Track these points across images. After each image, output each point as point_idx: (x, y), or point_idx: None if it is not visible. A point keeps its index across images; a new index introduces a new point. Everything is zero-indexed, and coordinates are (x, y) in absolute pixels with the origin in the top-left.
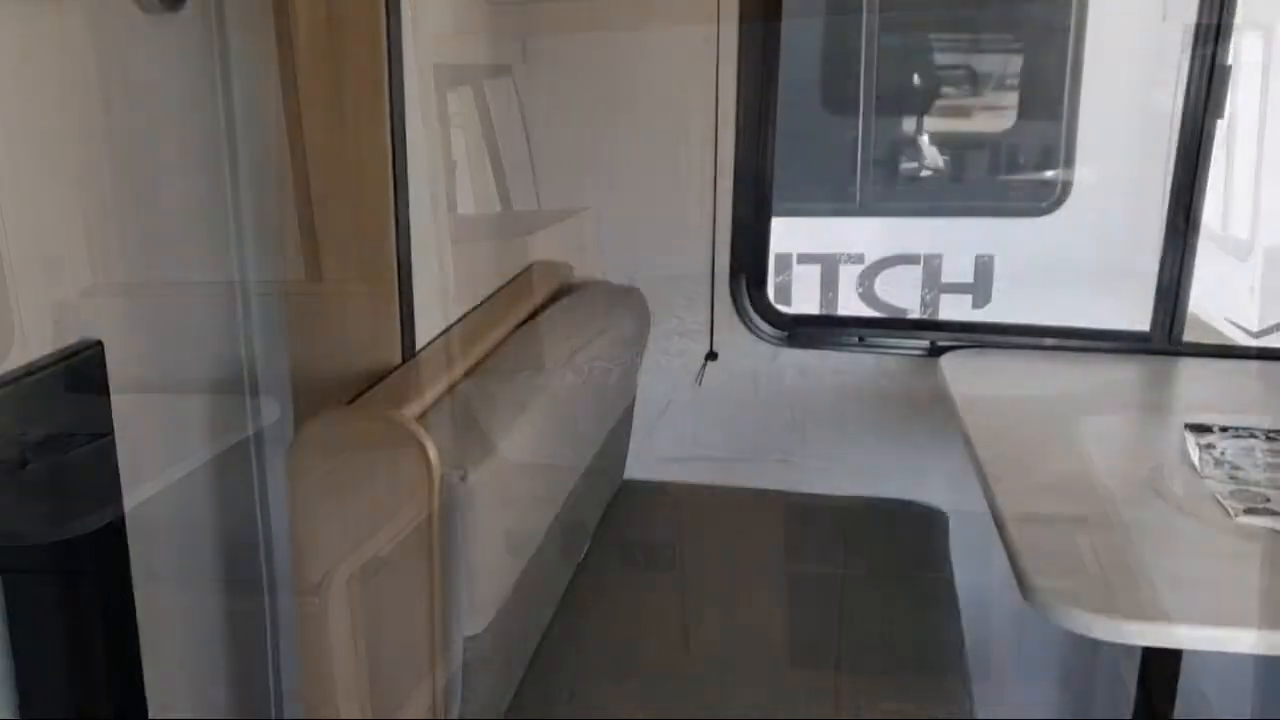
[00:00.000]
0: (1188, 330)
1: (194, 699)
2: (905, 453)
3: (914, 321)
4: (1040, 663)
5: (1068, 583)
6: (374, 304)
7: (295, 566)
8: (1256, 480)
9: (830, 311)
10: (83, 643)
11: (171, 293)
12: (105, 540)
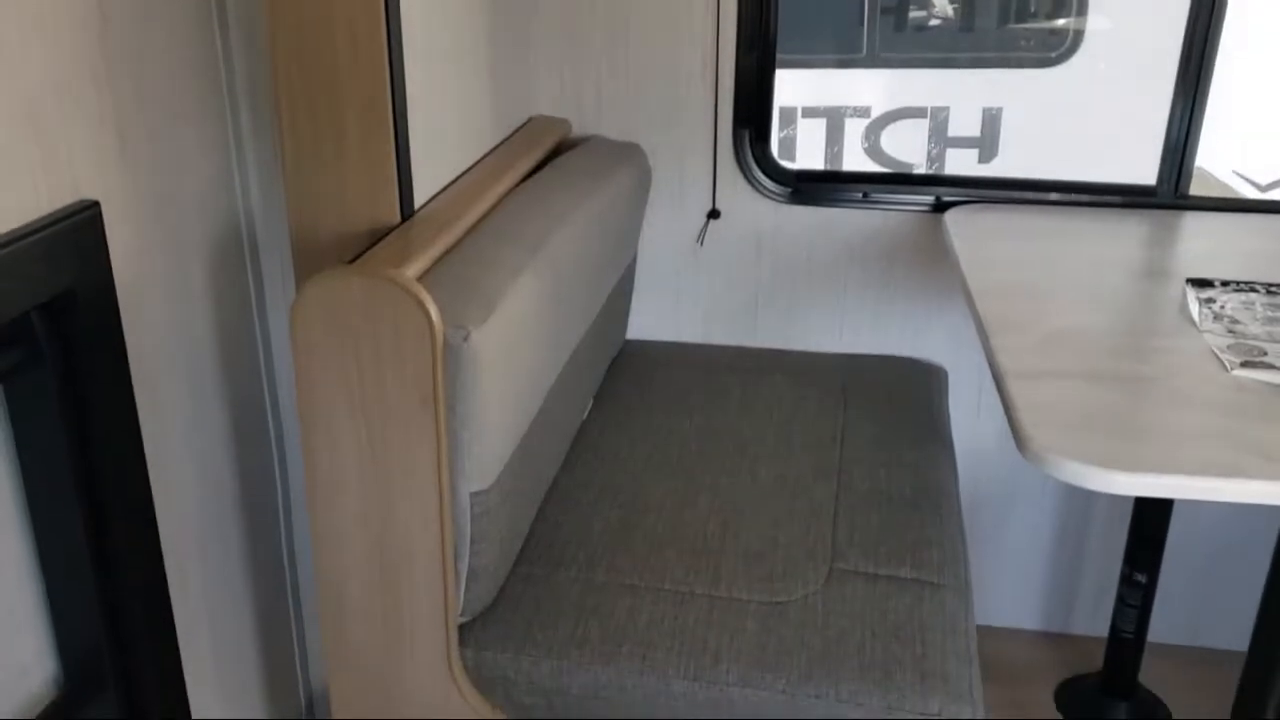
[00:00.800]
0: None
1: (206, 553)
2: (908, 309)
3: (920, 177)
4: (1036, 516)
5: (1061, 436)
6: (370, 162)
7: (302, 427)
8: (1255, 334)
9: (835, 167)
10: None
11: (166, 152)
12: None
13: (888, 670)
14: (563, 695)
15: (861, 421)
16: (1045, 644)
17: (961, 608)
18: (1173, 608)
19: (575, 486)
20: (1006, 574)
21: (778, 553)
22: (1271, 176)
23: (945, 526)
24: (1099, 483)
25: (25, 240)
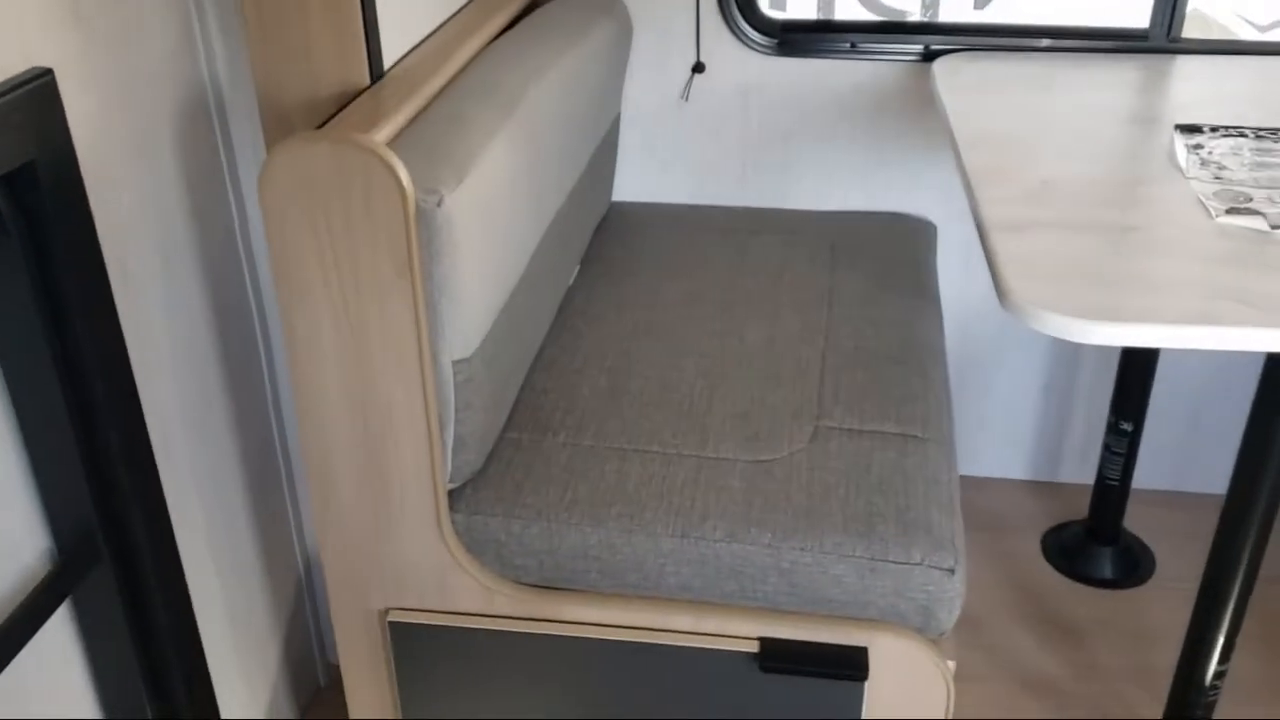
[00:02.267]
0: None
1: (190, 426)
2: (898, 163)
3: (908, 25)
4: (1024, 368)
5: (1043, 287)
6: (335, 21)
7: (279, 299)
8: (1241, 180)
9: (827, 15)
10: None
11: (122, 16)
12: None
13: (870, 522)
14: (553, 555)
15: (850, 280)
16: (1033, 493)
17: (944, 460)
18: (1157, 454)
19: (562, 352)
20: (996, 426)
21: (764, 413)
22: (1272, 17)
23: (930, 382)
24: (1078, 334)
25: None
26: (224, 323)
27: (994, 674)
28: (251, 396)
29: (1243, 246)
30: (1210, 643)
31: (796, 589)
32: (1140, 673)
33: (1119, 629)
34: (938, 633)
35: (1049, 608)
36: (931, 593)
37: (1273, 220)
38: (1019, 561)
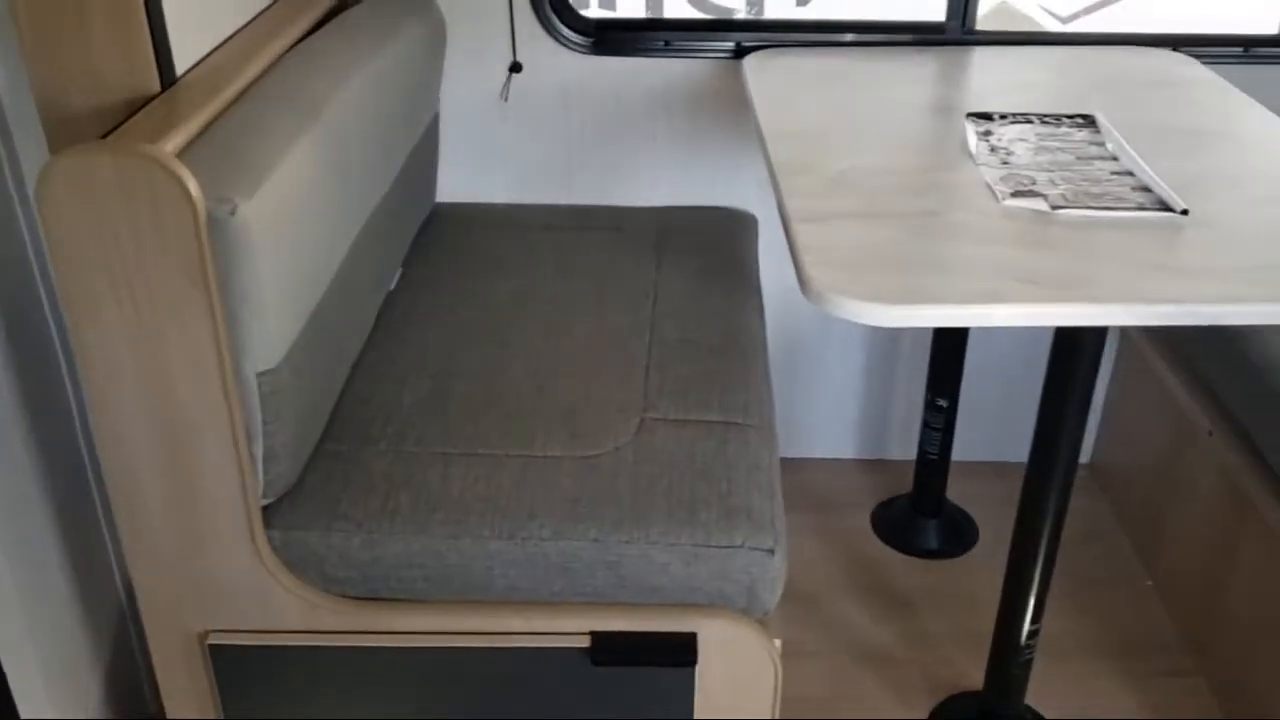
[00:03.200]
0: (1004, 19)
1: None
2: (719, 158)
3: (719, 22)
4: (847, 351)
5: (840, 274)
6: (118, 27)
7: (68, 319)
8: (1026, 164)
9: (657, 14)
10: None
11: None
12: None
13: (694, 510)
14: (377, 566)
15: (674, 274)
16: (863, 471)
17: (765, 445)
18: (975, 428)
19: (383, 358)
20: (824, 408)
21: (590, 409)
22: (1073, 9)
23: (751, 369)
24: (874, 318)
25: None
26: (18, 342)
27: (828, 649)
28: (55, 419)
29: (1027, 227)
30: (1022, 605)
31: (625, 581)
32: (966, 637)
33: (945, 597)
34: (762, 612)
35: (879, 581)
36: (754, 574)
37: (1053, 201)
38: (850, 538)
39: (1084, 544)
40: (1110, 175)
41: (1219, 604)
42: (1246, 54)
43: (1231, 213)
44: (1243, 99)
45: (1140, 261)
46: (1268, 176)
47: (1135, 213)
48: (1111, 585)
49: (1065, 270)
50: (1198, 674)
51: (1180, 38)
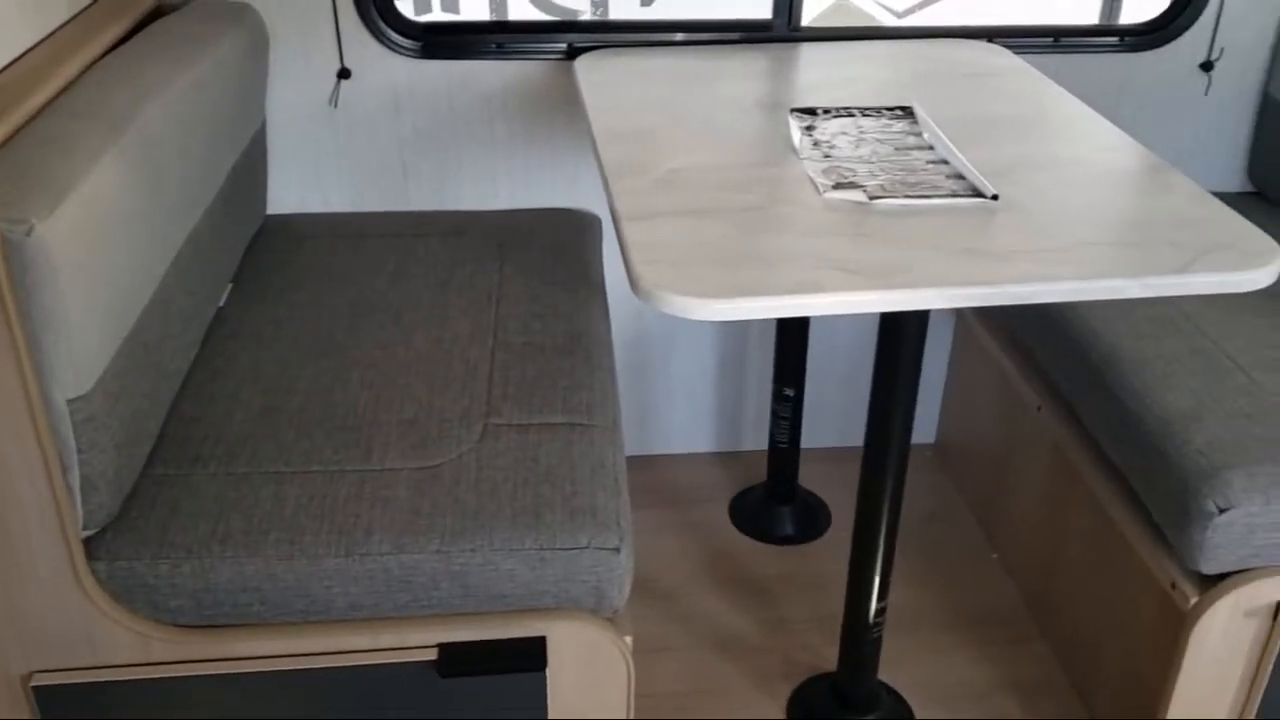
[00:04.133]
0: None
1: None
2: (559, 159)
3: (550, 24)
4: (698, 346)
5: (667, 271)
6: None
7: None
8: (848, 157)
9: (501, 17)
10: None
11: None
12: None
13: (538, 513)
14: (210, 593)
15: (517, 277)
16: (719, 463)
17: (610, 444)
18: (822, 415)
19: (213, 377)
20: (678, 403)
21: (432, 418)
22: (909, 3)
23: (595, 369)
24: (702, 312)
25: None
26: None
27: (689, 642)
28: None
29: (847, 218)
30: (868, 584)
31: (470, 590)
32: (822, 620)
33: (801, 582)
34: (611, 611)
35: (737, 571)
36: (600, 573)
37: (872, 192)
38: (708, 530)
39: (931, 521)
40: (926, 165)
41: (1057, 572)
42: (1056, 44)
43: (1039, 196)
44: (1052, 87)
45: (953, 246)
46: (1073, 161)
47: (949, 200)
48: (958, 559)
49: (882, 258)
50: (1042, 639)
51: (995, 29)
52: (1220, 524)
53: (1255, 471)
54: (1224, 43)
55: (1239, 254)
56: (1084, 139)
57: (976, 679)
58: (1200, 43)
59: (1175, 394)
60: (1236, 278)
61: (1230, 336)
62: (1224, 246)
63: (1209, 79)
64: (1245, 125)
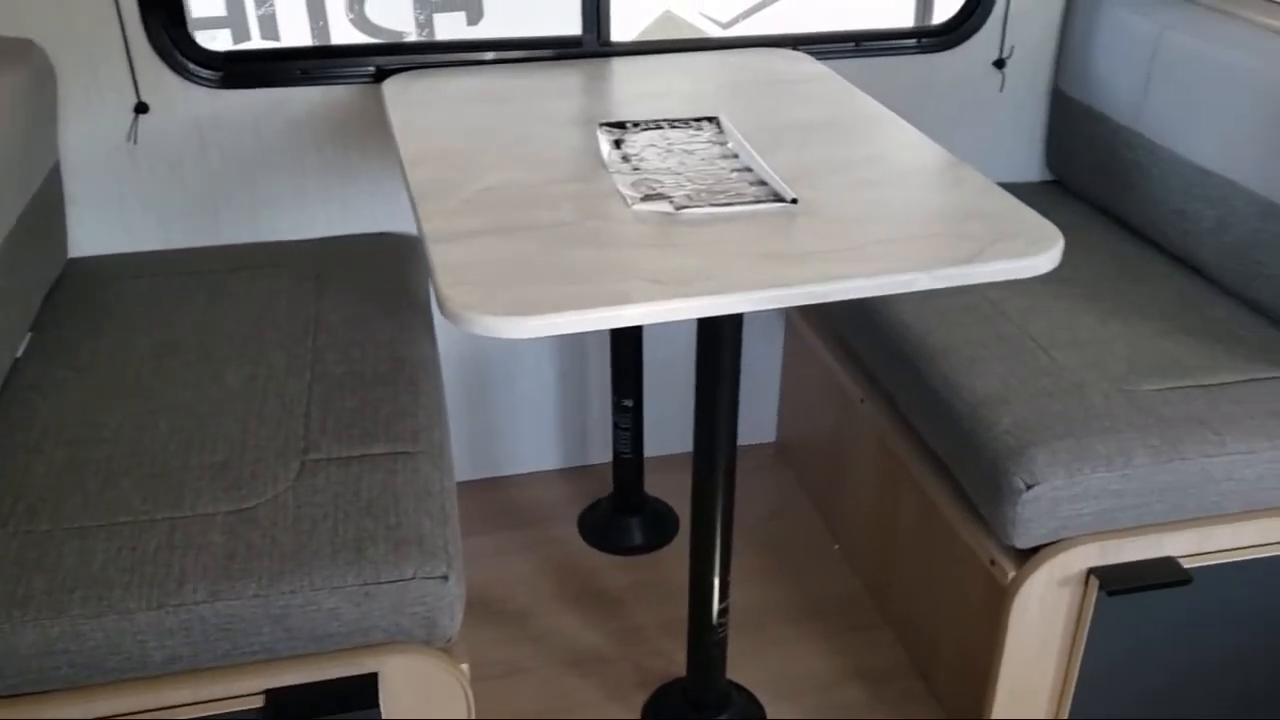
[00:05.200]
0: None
1: None
2: (374, 184)
3: (355, 47)
4: (538, 363)
5: (475, 292)
6: None
7: None
8: (656, 169)
9: (323, 41)
10: None
11: None
12: None
13: (361, 548)
14: (13, 659)
15: (336, 306)
16: (567, 479)
17: (436, 470)
18: (664, 423)
19: (10, 431)
20: (522, 422)
21: (246, 458)
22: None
23: (420, 395)
24: (511, 330)
25: None
26: None
27: (541, 662)
28: None
29: (655, 229)
30: (708, 586)
31: (294, 633)
32: (674, 625)
33: (652, 590)
34: (445, 640)
35: (588, 585)
36: (430, 603)
37: (679, 202)
38: (558, 547)
39: (774, 519)
40: (731, 173)
41: (892, 558)
42: (858, 48)
43: (838, 197)
44: (852, 90)
45: (756, 251)
46: (868, 161)
47: (752, 206)
48: (802, 554)
49: (689, 266)
50: (885, 626)
51: (799, 37)
52: (1028, 499)
53: (1058, 447)
54: (1013, 41)
55: (1024, 242)
56: (881, 140)
57: (824, 670)
58: (992, 42)
59: (983, 379)
60: (1021, 264)
61: (1033, 320)
62: (1010, 236)
63: (1003, 76)
64: (1040, 118)
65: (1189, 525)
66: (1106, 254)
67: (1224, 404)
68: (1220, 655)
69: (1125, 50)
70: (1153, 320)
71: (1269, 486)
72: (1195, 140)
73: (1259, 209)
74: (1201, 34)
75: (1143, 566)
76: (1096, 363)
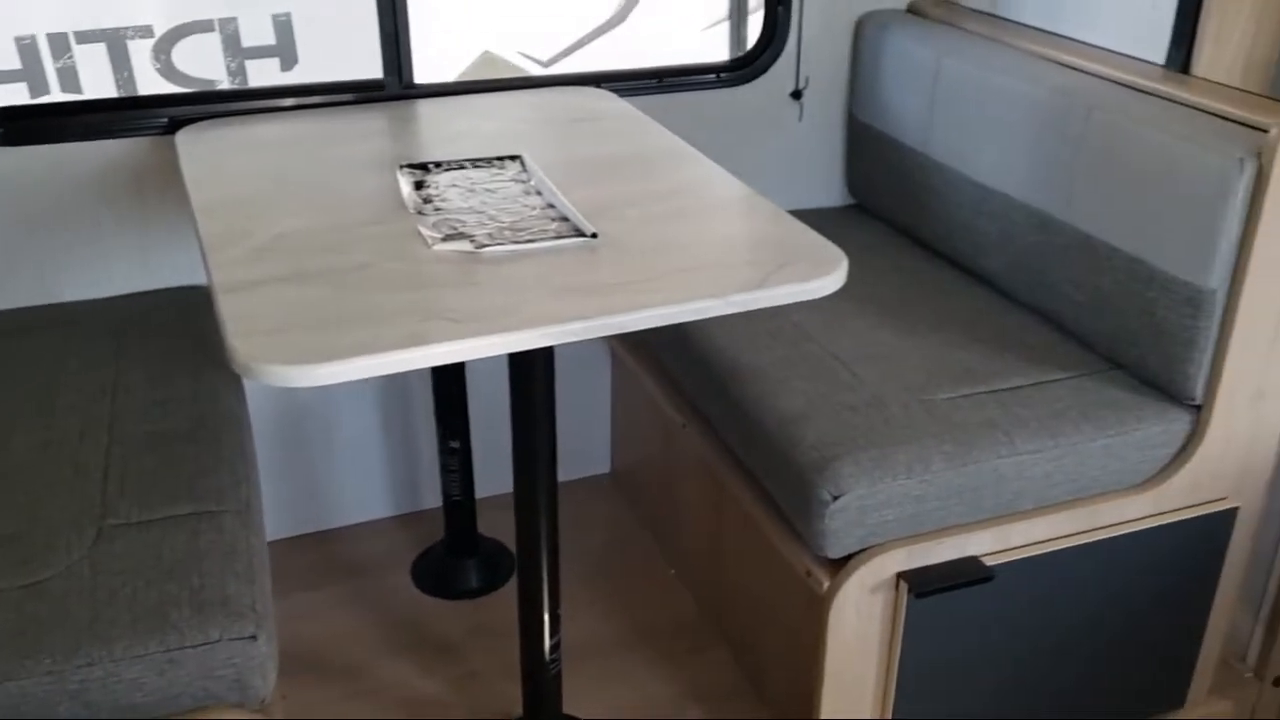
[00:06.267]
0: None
1: None
2: (175, 235)
3: (146, 99)
4: (361, 410)
5: (266, 341)
6: None
7: None
8: (458, 209)
9: (129, 93)
10: None
11: None
12: None
13: (163, 614)
14: None
15: (136, 364)
16: (400, 526)
17: (244, 528)
18: (498, 461)
19: None
20: (348, 470)
21: (37, 529)
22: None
23: (225, 452)
24: (304, 379)
25: None
26: None
27: (378, 715)
28: None
29: (456, 269)
30: (538, 622)
31: (95, 708)
32: (512, 666)
33: (489, 631)
34: (259, 701)
35: (424, 633)
36: (239, 665)
37: (480, 241)
38: (392, 597)
39: (612, 549)
40: (534, 210)
41: (723, 578)
42: (660, 84)
43: (636, 231)
44: (653, 126)
45: (557, 285)
46: (667, 195)
47: (553, 241)
48: (639, 581)
49: (490, 303)
50: (720, 645)
51: (604, 75)
52: (835, 510)
53: (861, 458)
54: (808, 72)
55: (810, 264)
56: (679, 173)
57: (662, 695)
58: (788, 74)
59: (789, 397)
60: (809, 286)
61: (836, 339)
62: (797, 260)
63: (801, 106)
64: (838, 145)
65: (988, 524)
66: (904, 271)
67: (1014, 407)
68: (1028, 645)
69: (910, 77)
70: (948, 332)
71: (1057, 483)
72: (976, 160)
73: (1037, 222)
74: (974, 60)
75: (948, 567)
76: (896, 375)
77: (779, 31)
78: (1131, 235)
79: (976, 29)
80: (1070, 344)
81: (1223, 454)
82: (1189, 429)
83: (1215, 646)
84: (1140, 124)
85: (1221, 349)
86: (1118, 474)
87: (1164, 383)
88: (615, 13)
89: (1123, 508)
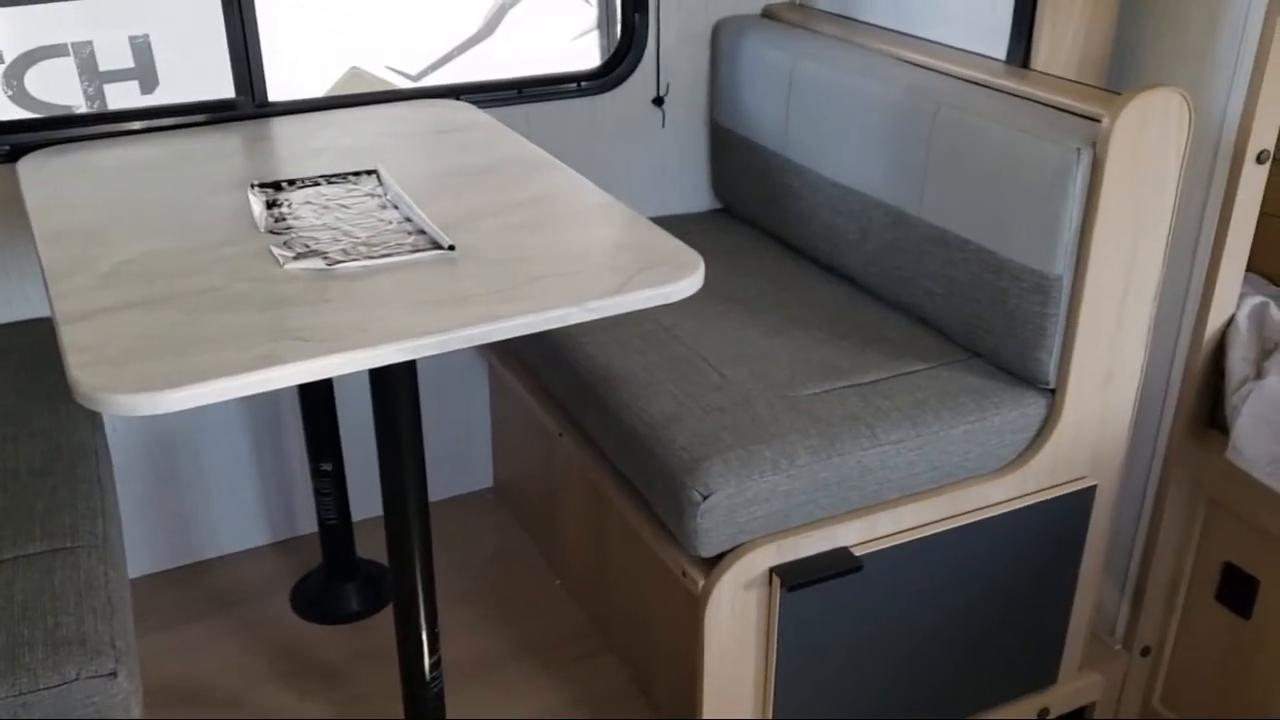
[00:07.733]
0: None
1: None
2: (19, 268)
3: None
4: (231, 436)
5: (111, 370)
6: None
7: None
8: (312, 226)
9: None
10: None
11: None
12: None
13: (15, 656)
14: None
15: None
16: (277, 553)
17: (102, 563)
18: (372, 483)
19: None
20: (220, 499)
21: None
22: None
23: (80, 486)
24: (149, 407)
25: None
26: None
27: None
28: None
29: (309, 287)
30: (416, 642)
31: None
32: (396, 688)
33: (372, 654)
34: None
35: (305, 659)
36: (100, 703)
37: (333, 258)
38: (272, 625)
39: (497, 562)
40: (390, 225)
41: (606, 584)
42: (521, 95)
43: (494, 241)
44: (511, 136)
45: (414, 299)
46: (525, 204)
47: (410, 255)
48: (526, 594)
49: (344, 321)
50: (607, 652)
51: (462, 86)
52: (706, 509)
53: (729, 457)
54: (669, 79)
55: (669, 269)
56: (538, 182)
57: (550, 704)
58: (648, 82)
59: (659, 401)
60: (666, 289)
61: (704, 341)
62: (655, 264)
63: (663, 113)
64: (702, 150)
65: (856, 515)
66: (769, 272)
67: (875, 400)
68: (902, 633)
69: (766, 81)
70: (812, 330)
71: (920, 471)
72: (833, 160)
73: (892, 218)
74: (827, 62)
75: (818, 560)
76: (762, 374)
77: (637, 39)
78: (981, 227)
79: (829, 31)
80: (929, 335)
81: (1078, 435)
82: (1045, 412)
83: (1084, 622)
84: (984, 119)
85: (1070, 334)
86: (979, 459)
87: (1019, 369)
88: (483, 25)
89: (986, 492)
